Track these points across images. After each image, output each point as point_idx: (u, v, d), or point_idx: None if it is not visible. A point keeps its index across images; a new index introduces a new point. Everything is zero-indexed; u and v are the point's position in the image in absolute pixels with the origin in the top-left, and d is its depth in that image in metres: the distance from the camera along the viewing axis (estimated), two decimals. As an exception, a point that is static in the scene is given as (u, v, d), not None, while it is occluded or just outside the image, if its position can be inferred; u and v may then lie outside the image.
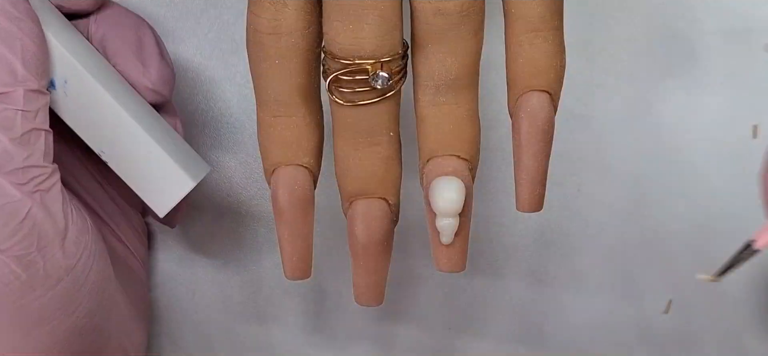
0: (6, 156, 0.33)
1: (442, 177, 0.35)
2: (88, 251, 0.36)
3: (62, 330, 0.35)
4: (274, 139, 0.36)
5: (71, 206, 0.36)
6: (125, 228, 0.44)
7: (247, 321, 0.48)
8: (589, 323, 0.47)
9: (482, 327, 0.48)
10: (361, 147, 0.35)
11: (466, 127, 0.35)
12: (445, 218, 0.34)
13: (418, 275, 0.47)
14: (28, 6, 0.35)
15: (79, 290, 0.35)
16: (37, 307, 0.34)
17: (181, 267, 0.48)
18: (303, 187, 0.36)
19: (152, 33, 0.41)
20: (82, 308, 0.36)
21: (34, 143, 0.34)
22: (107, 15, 0.40)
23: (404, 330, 0.48)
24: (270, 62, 0.34)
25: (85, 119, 0.38)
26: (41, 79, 0.35)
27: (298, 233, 0.36)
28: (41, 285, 0.34)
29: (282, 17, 0.34)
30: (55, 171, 0.35)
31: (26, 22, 0.35)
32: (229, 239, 0.48)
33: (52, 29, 0.36)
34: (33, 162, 0.34)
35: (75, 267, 0.35)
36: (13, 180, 0.33)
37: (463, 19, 0.33)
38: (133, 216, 0.44)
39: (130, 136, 0.38)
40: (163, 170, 0.38)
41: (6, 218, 0.33)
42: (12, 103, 0.34)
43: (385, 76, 0.33)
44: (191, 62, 0.46)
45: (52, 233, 0.34)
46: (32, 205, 0.33)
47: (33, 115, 0.34)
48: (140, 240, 0.45)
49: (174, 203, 0.39)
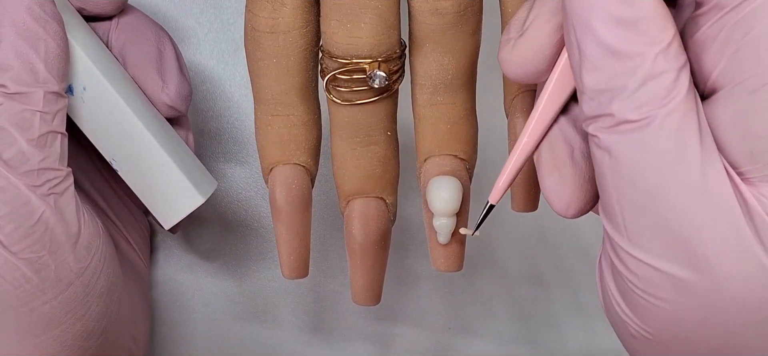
0: (22, 157, 0.33)
1: (440, 177, 0.35)
2: (98, 256, 0.36)
3: (71, 334, 0.35)
4: (271, 138, 0.36)
5: (84, 210, 0.35)
6: (131, 228, 0.43)
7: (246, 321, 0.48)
8: (588, 322, 0.47)
9: (480, 326, 0.48)
10: (359, 146, 0.35)
11: (463, 127, 0.35)
12: (442, 217, 0.34)
13: (416, 274, 0.47)
14: (55, 8, 0.35)
15: (89, 294, 0.35)
16: (47, 311, 0.34)
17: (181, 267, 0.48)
18: (300, 186, 0.36)
19: (173, 46, 0.40)
20: (92, 312, 0.36)
21: (51, 146, 0.34)
22: (128, 22, 0.40)
23: (403, 330, 0.48)
24: (268, 61, 0.34)
25: (100, 127, 0.37)
26: (62, 82, 0.34)
27: (295, 232, 0.36)
28: (52, 288, 0.34)
29: (280, 16, 0.34)
30: (69, 175, 0.35)
31: (52, 24, 0.34)
32: (229, 239, 0.48)
33: (75, 34, 0.36)
34: (48, 165, 0.34)
35: (85, 271, 0.35)
36: (27, 182, 0.33)
37: (460, 19, 0.34)
38: (139, 215, 0.44)
39: (144, 148, 0.38)
40: (173, 184, 0.38)
41: (19, 220, 0.33)
42: (31, 104, 0.33)
43: (382, 75, 0.33)
44: (191, 62, 0.47)
45: (63, 237, 0.34)
46: (46, 208, 0.33)
47: (51, 117, 0.34)
48: (145, 240, 0.45)
49: (181, 218, 0.39)
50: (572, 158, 0.30)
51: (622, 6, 0.25)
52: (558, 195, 0.30)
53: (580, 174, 0.30)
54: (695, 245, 0.26)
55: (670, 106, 0.26)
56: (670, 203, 0.26)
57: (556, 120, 0.30)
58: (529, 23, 0.29)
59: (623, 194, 0.26)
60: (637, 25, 0.25)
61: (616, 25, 0.25)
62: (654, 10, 0.26)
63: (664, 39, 0.26)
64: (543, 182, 0.30)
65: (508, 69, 0.29)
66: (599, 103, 0.26)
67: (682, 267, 0.26)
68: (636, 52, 0.25)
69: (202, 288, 0.48)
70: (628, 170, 0.26)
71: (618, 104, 0.26)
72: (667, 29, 0.26)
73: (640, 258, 0.27)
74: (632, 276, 0.27)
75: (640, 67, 0.25)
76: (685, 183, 0.26)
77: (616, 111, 0.26)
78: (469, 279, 0.48)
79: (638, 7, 0.25)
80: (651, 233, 0.26)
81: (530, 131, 0.30)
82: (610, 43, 0.26)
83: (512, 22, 0.29)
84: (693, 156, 0.26)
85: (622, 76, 0.26)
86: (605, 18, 0.26)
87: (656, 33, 0.25)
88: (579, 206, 0.30)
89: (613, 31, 0.25)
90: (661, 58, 0.25)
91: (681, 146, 0.26)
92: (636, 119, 0.26)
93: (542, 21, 0.28)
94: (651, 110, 0.25)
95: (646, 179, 0.26)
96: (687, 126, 0.26)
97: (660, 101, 0.25)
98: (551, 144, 0.30)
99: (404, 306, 0.48)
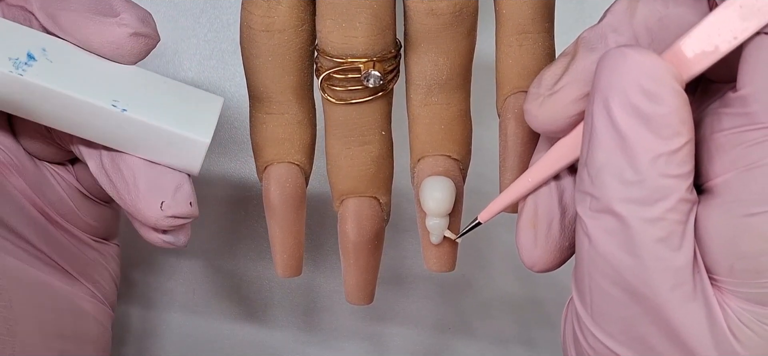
0: None
1: (433, 177, 0.35)
2: None
3: None
4: (266, 136, 0.36)
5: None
6: (97, 276, 0.38)
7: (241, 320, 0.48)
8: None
9: (477, 327, 0.48)
10: (353, 146, 0.35)
11: (457, 127, 0.35)
12: (435, 217, 0.34)
13: (412, 274, 0.47)
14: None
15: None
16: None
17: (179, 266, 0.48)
18: (295, 185, 0.36)
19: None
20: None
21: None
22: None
23: (399, 330, 0.48)
24: (263, 59, 0.35)
25: (80, 78, 0.33)
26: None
27: (289, 231, 0.36)
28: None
29: (275, 14, 0.34)
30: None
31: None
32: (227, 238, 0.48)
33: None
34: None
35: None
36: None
37: (455, 19, 0.34)
38: (107, 252, 0.39)
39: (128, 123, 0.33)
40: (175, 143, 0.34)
41: None
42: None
43: (377, 75, 0.33)
44: (191, 62, 0.47)
45: None
46: None
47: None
48: (112, 281, 0.40)
49: (200, 164, 0.34)
50: (550, 225, 0.30)
51: (642, 97, 0.25)
52: (528, 252, 0.31)
53: (553, 242, 0.30)
54: (658, 346, 0.26)
55: (657, 212, 0.25)
56: (640, 305, 0.26)
57: (557, 177, 0.30)
58: (561, 86, 0.29)
59: (594, 280, 0.27)
60: (651, 120, 0.25)
61: (632, 112, 0.25)
62: (674, 110, 0.25)
63: (675, 144, 0.25)
64: (518, 233, 0.31)
65: (531, 122, 0.29)
66: (593, 181, 0.26)
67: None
68: (641, 147, 0.25)
69: (198, 287, 0.48)
70: (603, 261, 0.26)
71: (609, 191, 0.26)
72: (682, 134, 0.25)
73: (601, 340, 0.27)
74: (591, 350, 0.28)
75: (640, 163, 0.25)
76: (656, 291, 0.26)
77: (604, 197, 0.26)
78: (465, 279, 0.47)
79: (658, 104, 0.25)
80: (615, 323, 0.27)
81: (533, 173, 0.30)
82: (621, 128, 0.25)
83: (544, 76, 0.29)
84: (667, 271, 0.25)
85: (621, 165, 0.25)
86: (624, 102, 0.25)
87: (669, 134, 0.25)
88: (545, 267, 0.31)
89: (627, 117, 0.25)
90: (663, 161, 0.25)
91: (658, 257, 0.25)
92: (621, 213, 0.26)
93: (574, 88, 0.28)
94: (637, 210, 0.25)
95: (619, 275, 0.26)
96: (670, 238, 0.25)
97: (650, 205, 0.25)
98: (536, 202, 0.30)
99: (400, 305, 0.48)
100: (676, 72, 0.25)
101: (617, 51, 0.26)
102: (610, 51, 0.26)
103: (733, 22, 0.26)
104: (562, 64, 0.29)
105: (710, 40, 0.26)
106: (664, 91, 0.25)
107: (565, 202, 0.30)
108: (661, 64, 0.25)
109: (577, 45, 0.29)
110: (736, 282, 0.26)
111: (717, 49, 0.26)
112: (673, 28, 0.28)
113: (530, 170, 0.31)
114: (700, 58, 0.26)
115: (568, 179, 0.30)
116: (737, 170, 0.26)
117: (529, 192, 0.31)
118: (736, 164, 0.26)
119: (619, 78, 0.25)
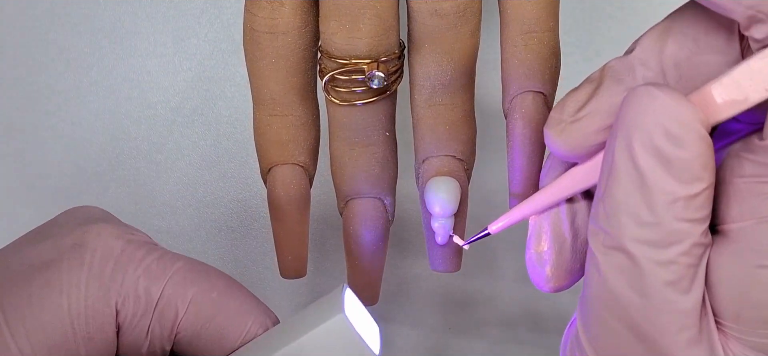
0: None
1: (437, 178, 0.35)
2: None
3: None
4: (270, 138, 0.36)
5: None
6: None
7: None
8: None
9: (480, 327, 0.48)
10: (357, 147, 0.35)
11: (461, 128, 0.35)
12: (440, 218, 0.34)
13: (416, 275, 0.47)
14: None
15: None
16: None
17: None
18: (299, 186, 0.36)
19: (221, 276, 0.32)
20: None
21: None
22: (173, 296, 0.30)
23: (402, 330, 0.48)
24: (266, 61, 0.34)
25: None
26: None
27: (293, 232, 0.36)
28: None
29: (279, 16, 0.34)
30: None
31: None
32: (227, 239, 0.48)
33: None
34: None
35: None
36: None
37: (459, 20, 0.34)
38: None
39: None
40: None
41: None
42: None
43: (381, 76, 0.33)
44: (191, 62, 0.47)
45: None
46: None
47: None
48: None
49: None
50: (561, 247, 0.30)
51: (666, 140, 0.25)
52: (536, 271, 0.30)
53: (564, 265, 0.30)
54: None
55: (670, 255, 0.25)
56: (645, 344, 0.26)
57: (570, 199, 0.30)
58: (584, 114, 0.28)
59: (600, 315, 0.27)
60: (672, 164, 0.25)
61: (654, 154, 0.25)
62: (697, 156, 0.25)
63: (694, 189, 0.25)
64: (528, 251, 0.31)
65: (550, 146, 0.29)
66: (608, 218, 0.26)
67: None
68: (660, 190, 0.25)
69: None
70: (611, 297, 0.26)
71: (624, 230, 0.25)
72: (702, 179, 0.25)
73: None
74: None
75: (657, 205, 0.25)
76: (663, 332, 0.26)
77: (618, 235, 0.26)
78: (469, 280, 0.47)
79: (682, 148, 0.25)
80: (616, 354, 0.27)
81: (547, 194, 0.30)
82: (641, 168, 0.25)
83: (567, 102, 0.29)
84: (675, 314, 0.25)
85: (638, 206, 0.25)
86: (647, 143, 0.25)
87: (688, 179, 0.25)
88: (555, 288, 0.30)
89: (649, 158, 0.25)
90: (681, 205, 0.25)
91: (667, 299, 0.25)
92: (634, 253, 0.25)
93: (597, 119, 0.28)
94: (650, 252, 0.25)
95: (626, 313, 0.26)
96: (681, 281, 0.25)
97: (663, 247, 0.25)
98: (548, 223, 0.30)
99: (404, 306, 0.48)
100: (703, 116, 0.25)
101: (645, 90, 0.25)
102: (638, 88, 0.26)
103: (766, 74, 0.25)
104: (586, 91, 0.29)
105: (741, 90, 0.25)
106: (689, 136, 0.25)
107: (577, 225, 0.30)
108: (688, 107, 0.25)
109: (603, 73, 0.29)
110: (742, 329, 0.26)
111: (747, 99, 0.26)
112: (702, 68, 0.27)
113: (544, 189, 0.30)
114: (728, 105, 0.26)
115: (582, 202, 0.30)
116: (755, 220, 0.25)
117: (541, 211, 0.30)
118: (754, 213, 0.25)
119: (644, 118, 0.25)
